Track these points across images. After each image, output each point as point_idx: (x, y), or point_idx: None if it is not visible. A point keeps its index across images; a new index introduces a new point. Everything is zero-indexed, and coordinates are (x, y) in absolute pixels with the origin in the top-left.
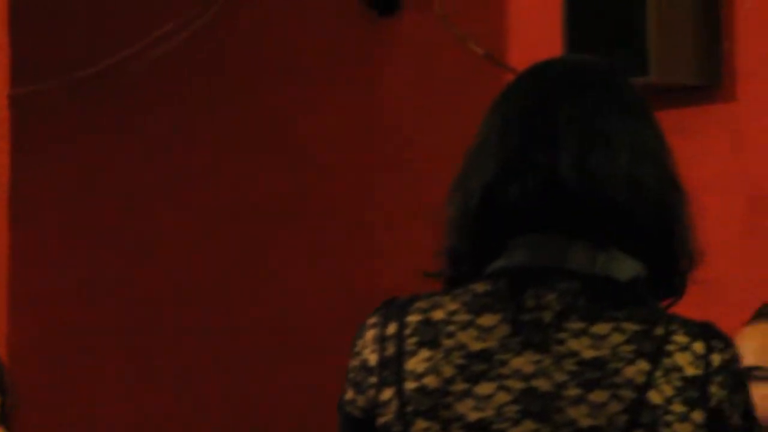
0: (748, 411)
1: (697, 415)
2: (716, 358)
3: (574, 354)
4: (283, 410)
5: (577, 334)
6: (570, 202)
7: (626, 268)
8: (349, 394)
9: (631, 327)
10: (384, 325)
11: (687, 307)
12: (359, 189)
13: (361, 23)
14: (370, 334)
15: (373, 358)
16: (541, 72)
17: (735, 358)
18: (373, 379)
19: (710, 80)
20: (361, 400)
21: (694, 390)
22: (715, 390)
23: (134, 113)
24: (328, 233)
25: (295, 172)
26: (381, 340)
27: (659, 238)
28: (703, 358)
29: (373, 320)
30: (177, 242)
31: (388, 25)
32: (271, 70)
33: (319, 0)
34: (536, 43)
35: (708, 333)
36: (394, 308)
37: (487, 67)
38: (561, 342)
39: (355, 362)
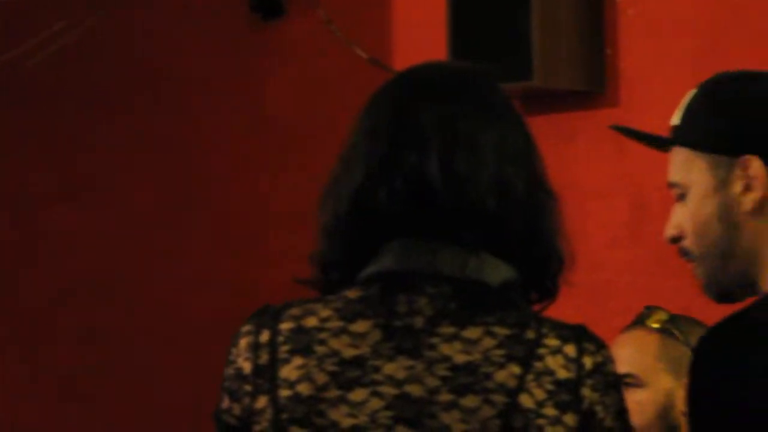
0: (621, 412)
1: (569, 419)
2: (588, 361)
3: (446, 359)
4: (175, 411)
5: (449, 339)
6: (438, 205)
7: (497, 271)
8: (225, 403)
9: (502, 331)
10: (257, 332)
11: (571, 311)
12: (246, 192)
13: (247, 27)
14: (244, 342)
15: (247, 366)
16: (409, 76)
17: (607, 360)
18: (248, 387)
19: (593, 85)
20: (236, 409)
21: (566, 393)
22: (587, 392)
23: (25, 110)
24: (216, 236)
25: (182, 176)
26: (255, 348)
27: (528, 240)
28: (575, 361)
29: (247, 328)
30: (66, 241)
31: (273, 29)
32: (158, 72)
33: (206, 3)
34: (421, 48)
35: (579, 336)
36: (267, 316)
37: (372, 71)
38: (433, 347)
39: (230, 370)
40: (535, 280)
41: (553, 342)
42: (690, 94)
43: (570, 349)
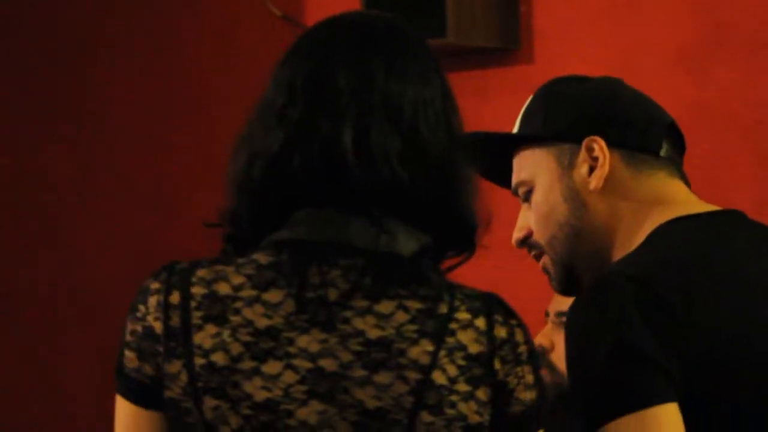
0: (535, 383)
1: (482, 393)
2: (499, 333)
3: (359, 333)
4: (72, 374)
5: (362, 313)
6: (352, 177)
7: (410, 241)
8: (134, 361)
9: (415, 305)
10: (167, 292)
11: (488, 268)
12: (157, 151)
13: None
14: (153, 300)
15: (158, 326)
16: (326, 31)
17: (518, 331)
18: (160, 348)
19: (508, 42)
20: (148, 368)
21: (478, 368)
22: (499, 365)
23: None
24: (126, 195)
25: (91, 133)
26: (165, 309)
27: (444, 206)
28: (486, 334)
29: (155, 285)
30: None
31: None
32: (67, 31)
33: None
34: (334, 5)
35: (490, 307)
36: (175, 275)
37: (285, 27)
38: (346, 321)
39: (137, 327)
40: (451, 244)
41: (464, 316)
42: (525, 104)
43: (481, 323)
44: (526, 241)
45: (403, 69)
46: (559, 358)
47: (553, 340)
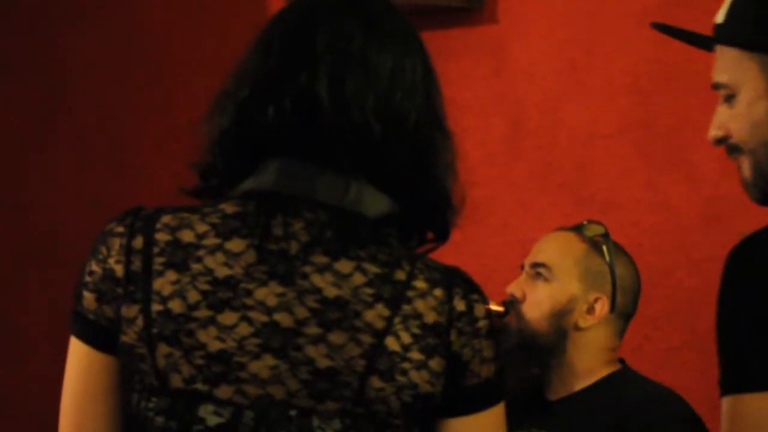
0: (490, 358)
1: (435, 363)
2: (458, 305)
3: (317, 290)
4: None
5: (321, 270)
6: (323, 126)
7: (375, 203)
8: (92, 303)
9: (373, 269)
10: (131, 236)
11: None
12: (119, 110)
13: None
14: (116, 242)
15: (119, 269)
16: (306, 1)
17: (477, 304)
18: (120, 291)
19: (471, 2)
20: (108, 311)
21: (433, 337)
22: (455, 337)
23: None
24: (87, 152)
25: (51, 92)
26: (127, 252)
27: (415, 175)
28: (445, 305)
29: (119, 229)
30: None
31: None
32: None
33: None
34: None
35: (450, 279)
36: (140, 220)
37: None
38: (305, 276)
39: (96, 268)
40: (421, 219)
41: (422, 285)
42: None
43: (439, 293)
44: (723, 141)
45: (384, 36)
46: (529, 308)
47: (525, 291)
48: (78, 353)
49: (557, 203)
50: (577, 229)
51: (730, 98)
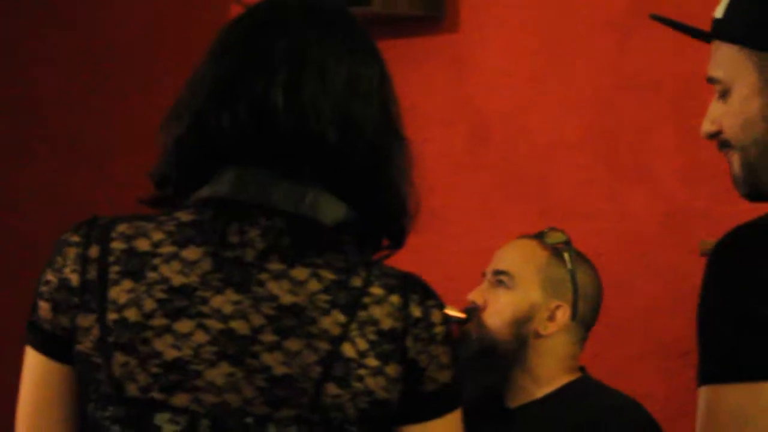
0: (447, 363)
1: (392, 369)
2: (414, 311)
3: (273, 298)
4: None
5: (277, 277)
6: (279, 133)
7: (332, 210)
8: (48, 312)
9: (329, 275)
10: (86, 245)
11: (410, 237)
12: (79, 115)
13: None
14: (72, 252)
15: (74, 279)
16: (266, 8)
17: (433, 310)
18: (76, 300)
19: (433, 11)
20: (63, 320)
21: (389, 343)
22: (411, 343)
23: None
24: (62, 158)
25: (24, 100)
26: (83, 262)
27: (371, 182)
28: (401, 311)
29: (75, 238)
30: None
31: None
32: None
33: None
34: None
35: (407, 285)
36: (96, 229)
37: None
38: (261, 283)
39: (52, 278)
40: (377, 226)
41: (378, 291)
42: None
43: (395, 299)
44: (715, 136)
45: (341, 44)
46: (490, 315)
47: (486, 298)
48: (33, 363)
49: (519, 211)
50: (539, 237)
51: (724, 94)
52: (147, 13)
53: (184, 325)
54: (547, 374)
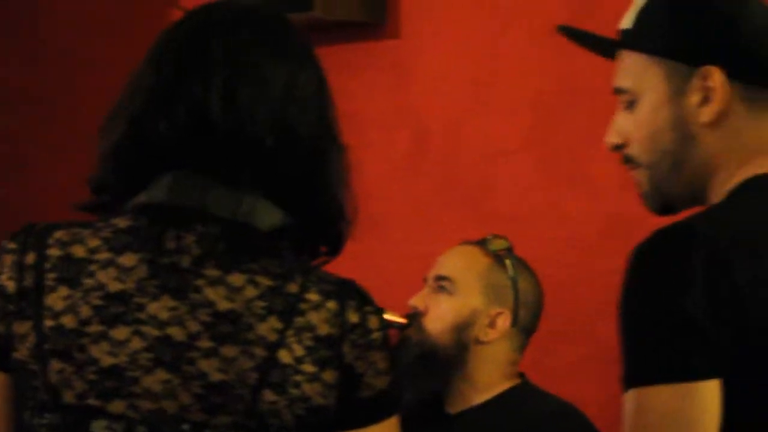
0: (385, 369)
1: (328, 375)
2: (351, 317)
3: (209, 304)
4: None
5: (214, 283)
6: (216, 139)
7: (269, 216)
8: None
9: (265, 282)
10: (23, 252)
11: (351, 243)
12: (21, 123)
13: None
14: (8, 259)
15: (11, 286)
16: (203, 12)
17: (370, 316)
18: (12, 308)
19: (374, 16)
20: (0, 328)
21: (326, 349)
22: (348, 349)
23: None
24: None
25: None
26: (19, 269)
27: (308, 188)
28: (338, 317)
29: (11, 245)
30: None
31: None
32: None
33: None
34: None
35: (343, 291)
36: (32, 236)
37: (155, 2)
38: (198, 290)
39: None
40: (314, 231)
41: (315, 297)
42: None
43: (332, 305)
44: (620, 148)
45: (278, 50)
46: (431, 320)
47: (428, 304)
48: None
49: (460, 218)
50: (481, 243)
51: (631, 104)
52: (86, 18)
53: (120, 332)
54: (487, 380)
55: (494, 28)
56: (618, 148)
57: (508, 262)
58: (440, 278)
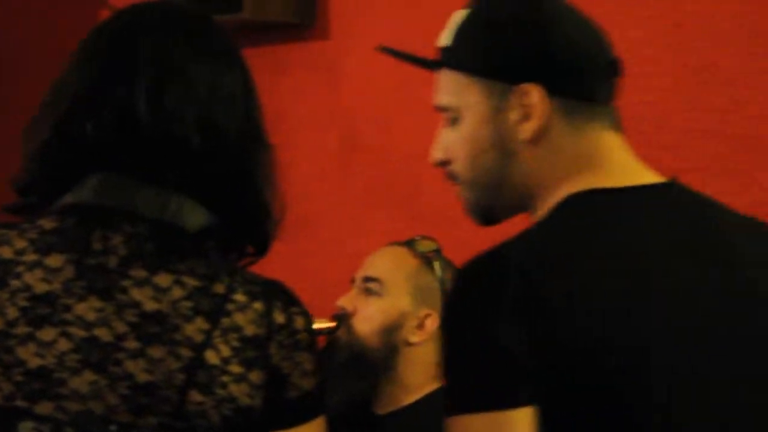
0: (311, 370)
1: (255, 376)
2: (278, 317)
3: (136, 305)
4: None
5: (140, 284)
6: (143, 139)
7: (195, 216)
8: None
9: (192, 282)
10: None
11: (280, 243)
12: None
13: None
14: None
15: None
16: (131, 12)
17: (297, 317)
18: None
19: (303, 18)
20: None
21: (252, 350)
22: (275, 350)
23: None
24: None
25: None
26: None
27: (235, 189)
28: (264, 318)
29: None
30: None
31: None
32: None
33: None
34: None
35: (270, 292)
36: None
37: (85, 1)
38: (124, 291)
39: None
40: (241, 232)
41: (241, 298)
42: (460, 13)
43: (259, 306)
44: (445, 164)
45: (204, 50)
46: (359, 322)
47: (356, 305)
48: None
49: (389, 218)
50: (409, 244)
51: (454, 121)
52: (15, 17)
53: (47, 333)
54: (416, 382)
55: (424, 29)
56: (443, 164)
57: (436, 264)
58: (368, 279)
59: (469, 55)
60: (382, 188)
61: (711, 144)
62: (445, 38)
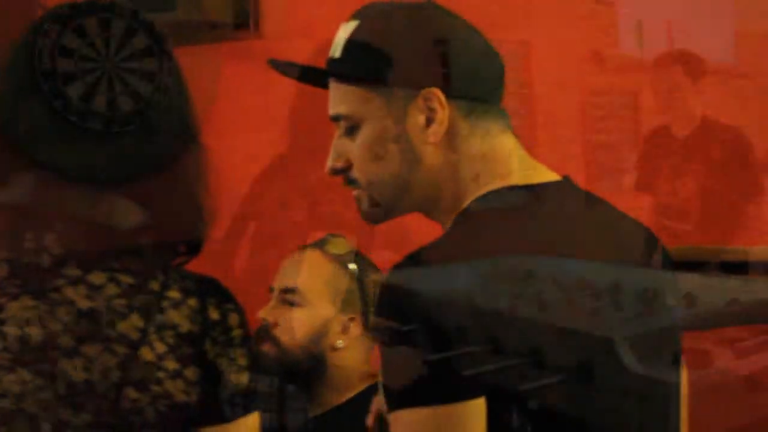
0: (245, 365)
1: (191, 372)
2: (212, 314)
3: (70, 303)
4: None
5: (74, 282)
6: (78, 131)
7: (129, 215)
8: None
9: (126, 280)
10: None
11: (215, 243)
12: None
13: None
14: None
15: None
16: (64, 10)
17: (232, 314)
18: None
19: (238, 17)
20: None
21: (188, 347)
22: (209, 346)
23: None
24: None
25: None
26: None
27: (167, 188)
28: (199, 314)
29: None
30: None
31: None
32: None
33: None
34: None
35: (205, 289)
36: None
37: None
38: (58, 289)
39: None
40: (173, 231)
41: (176, 294)
42: (349, 24)
43: (193, 302)
44: (341, 172)
45: (137, 49)
46: (284, 333)
47: (277, 317)
48: None
49: (334, 214)
50: (320, 245)
51: (351, 130)
52: None
53: None
54: (344, 383)
55: None
56: (339, 172)
57: (351, 265)
58: (287, 291)
59: (360, 65)
60: (324, 187)
61: None
62: (335, 50)
